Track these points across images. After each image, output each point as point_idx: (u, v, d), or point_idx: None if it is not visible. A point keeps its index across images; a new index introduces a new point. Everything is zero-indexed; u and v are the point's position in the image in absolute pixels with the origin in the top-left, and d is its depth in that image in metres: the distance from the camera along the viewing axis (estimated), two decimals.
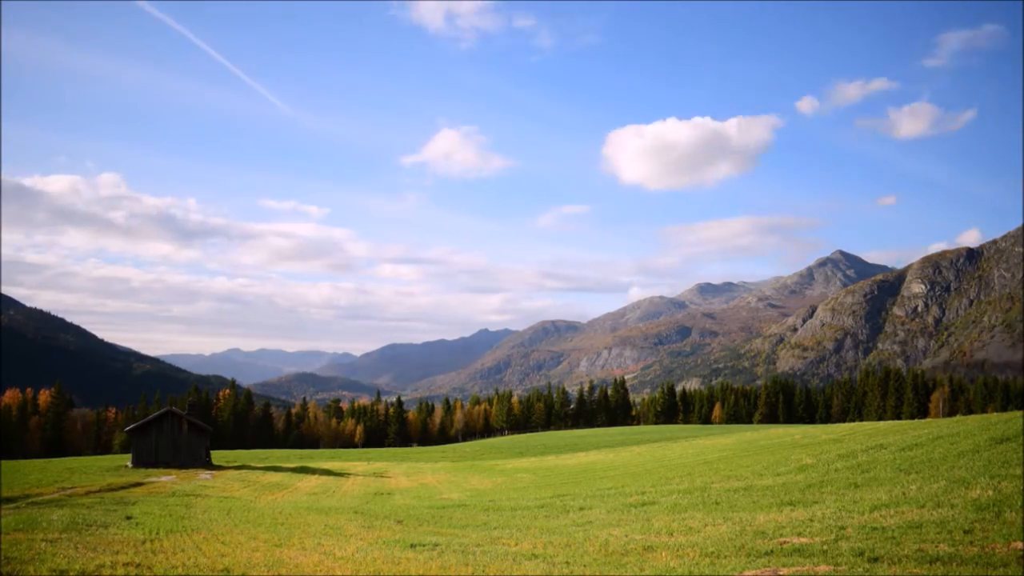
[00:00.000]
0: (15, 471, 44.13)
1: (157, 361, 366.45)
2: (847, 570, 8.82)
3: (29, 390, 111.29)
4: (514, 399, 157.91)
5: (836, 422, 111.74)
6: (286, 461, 61.43)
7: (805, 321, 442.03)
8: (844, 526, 11.72)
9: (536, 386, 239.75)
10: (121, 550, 12.54)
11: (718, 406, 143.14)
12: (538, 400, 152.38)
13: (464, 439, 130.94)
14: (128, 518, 18.51)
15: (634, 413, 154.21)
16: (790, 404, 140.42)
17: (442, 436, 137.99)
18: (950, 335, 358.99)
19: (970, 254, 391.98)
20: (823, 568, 9.03)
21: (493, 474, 46.85)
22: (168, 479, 39.76)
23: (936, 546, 9.42)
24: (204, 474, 44.75)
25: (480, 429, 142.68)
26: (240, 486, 38.11)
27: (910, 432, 27.67)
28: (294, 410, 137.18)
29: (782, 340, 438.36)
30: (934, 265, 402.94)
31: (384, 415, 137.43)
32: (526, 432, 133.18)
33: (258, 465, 55.02)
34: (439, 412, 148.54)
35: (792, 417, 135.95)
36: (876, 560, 9.11)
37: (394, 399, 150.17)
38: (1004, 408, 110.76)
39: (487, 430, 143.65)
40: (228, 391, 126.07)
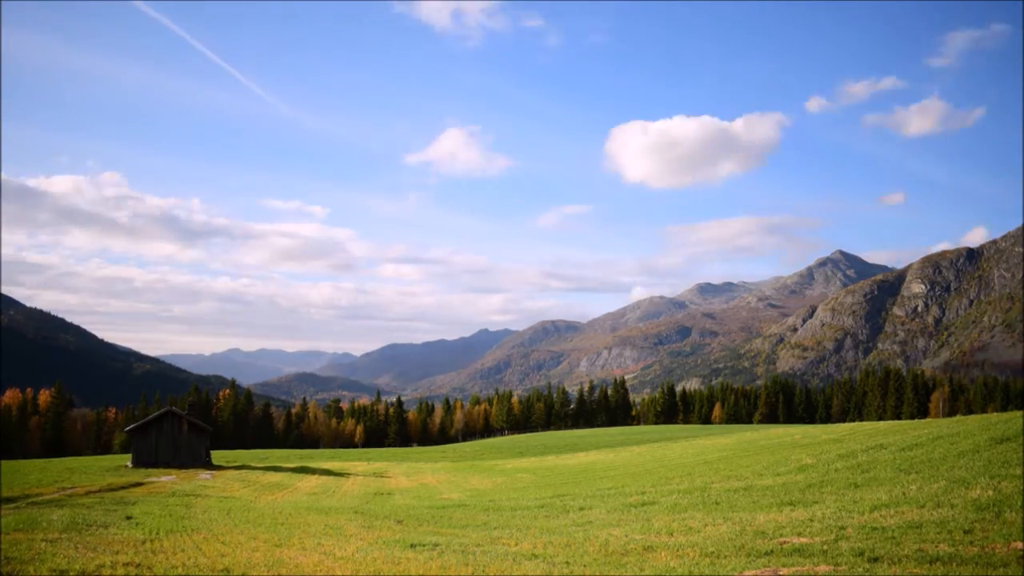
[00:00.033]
0: (15, 471, 44.13)
1: (157, 361, 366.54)
2: (847, 570, 8.82)
3: (29, 390, 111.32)
4: (514, 399, 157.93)
5: (836, 422, 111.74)
6: (286, 461, 61.44)
7: (805, 321, 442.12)
8: (844, 526, 11.72)
9: (536, 386, 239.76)
10: (121, 550, 12.54)
11: (718, 406, 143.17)
12: (538, 400, 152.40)
13: (464, 439, 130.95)
14: (128, 518, 18.52)
15: (634, 413, 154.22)
16: (790, 404, 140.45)
17: (442, 436, 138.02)
18: (950, 335, 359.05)
19: (970, 254, 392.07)
20: (823, 568, 9.03)
21: (493, 474, 46.85)
22: (168, 479, 39.76)
23: (936, 546, 9.42)
24: (204, 474, 44.76)
25: (480, 429, 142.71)
26: (240, 486, 38.12)
27: (910, 432, 27.68)
28: (294, 410, 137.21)
29: (782, 340, 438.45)
30: (934, 265, 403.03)
31: (384, 415, 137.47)
32: (526, 432, 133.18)
33: (258, 465, 55.03)
34: (439, 412, 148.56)
35: (792, 417, 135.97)
36: (876, 560, 9.11)
37: (394, 399, 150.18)
38: (1004, 408, 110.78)
39: (487, 430, 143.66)
40: (228, 391, 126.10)
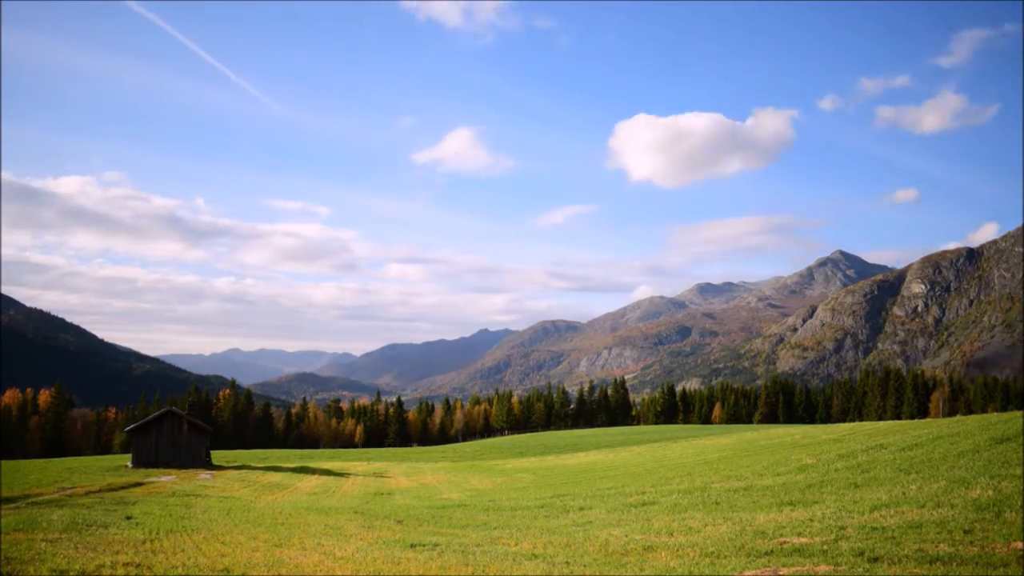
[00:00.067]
0: (15, 471, 44.13)
1: (157, 361, 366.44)
2: (847, 570, 8.82)
3: (29, 390, 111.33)
4: (514, 399, 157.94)
5: (836, 422, 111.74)
6: (286, 461, 61.43)
7: (805, 321, 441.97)
8: (844, 526, 11.72)
9: (536, 386, 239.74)
10: (121, 550, 12.54)
11: (718, 406, 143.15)
12: (538, 400, 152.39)
13: (464, 439, 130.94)
14: (128, 518, 18.52)
15: (634, 413, 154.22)
16: (790, 404, 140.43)
17: (442, 436, 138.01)
18: (950, 335, 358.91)
19: (970, 254, 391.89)
20: (823, 568, 9.03)
21: (493, 474, 46.84)
22: (168, 479, 39.76)
23: (936, 546, 9.42)
24: (204, 474, 44.76)
25: (480, 429, 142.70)
26: (240, 486, 38.11)
27: (910, 432, 27.67)
28: (294, 410, 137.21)
29: (782, 340, 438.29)
30: (934, 265, 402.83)
31: (384, 415, 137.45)
32: (526, 432, 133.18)
33: (258, 465, 55.03)
34: (439, 412, 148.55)
35: (792, 417, 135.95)
36: (876, 560, 9.11)
37: (394, 399, 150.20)
38: (1004, 408, 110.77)
39: (487, 430, 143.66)
40: (228, 391, 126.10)
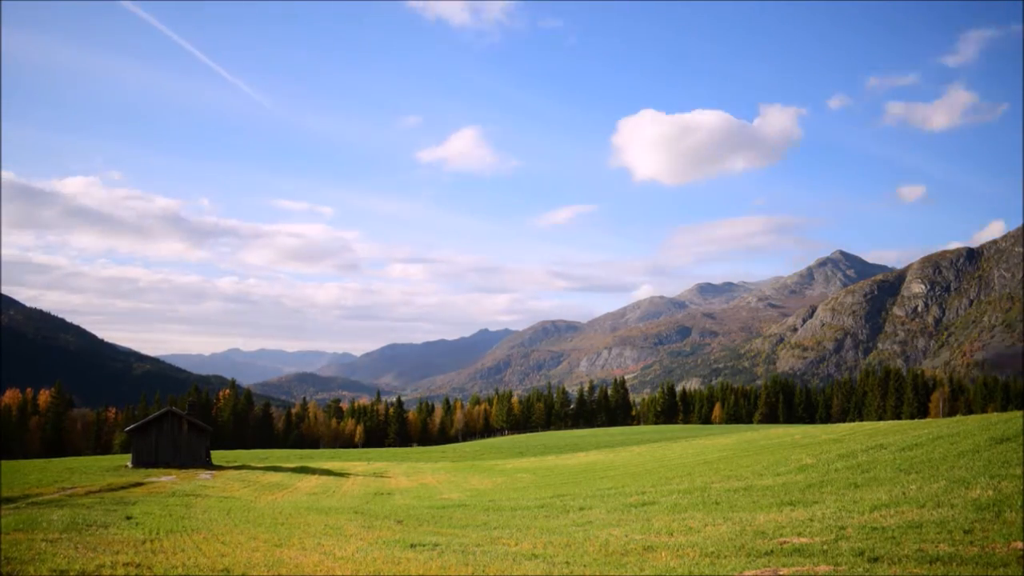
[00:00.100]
0: (15, 471, 44.14)
1: (157, 361, 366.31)
2: (847, 570, 8.82)
3: (29, 390, 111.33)
4: (514, 399, 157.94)
5: (836, 422, 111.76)
6: (286, 461, 61.43)
7: (805, 321, 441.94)
8: (844, 526, 11.72)
9: (536, 386, 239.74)
10: (121, 550, 12.54)
11: (718, 406, 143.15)
12: (538, 400, 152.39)
13: (464, 439, 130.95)
14: (128, 518, 18.53)
15: (634, 413, 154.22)
16: (790, 404, 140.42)
17: (442, 436, 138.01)
18: (950, 335, 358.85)
19: (970, 254, 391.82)
20: (823, 568, 9.03)
21: (493, 474, 46.84)
22: (168, 479, 39.77)
23: (936, 546, 9.42)
24: (204, 474, 44.76)
25: (480, 429, 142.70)
26: (240, 486, 38.12)
27: (910, 432, 27.67)
28: (294, 410, 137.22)
29: (782, 340, 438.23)
30: (934, 265, 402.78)
31: (384, 415, 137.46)
32: (526, 432, 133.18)
33: (258, 465, 55.03)
34: (439, 412, 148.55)
35: (792, 417, 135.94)
36: (876, 560, 9.11)
37: (394, 399, 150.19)
38: (1004, 408, 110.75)
39: (487, 430, 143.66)
40: (228, 391, 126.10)
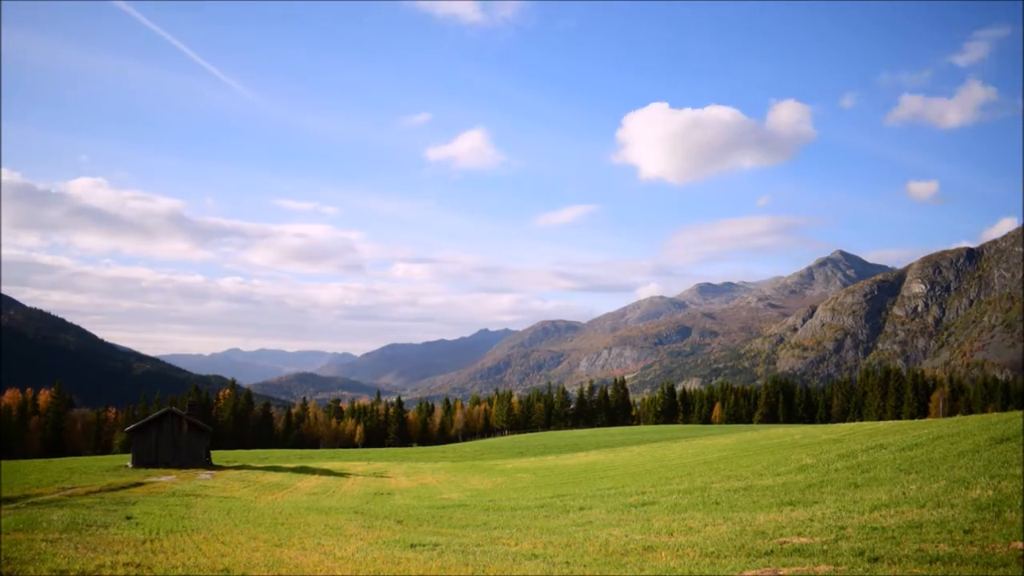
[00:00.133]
0: (15, 471, 44.14)
1: (157, 361, 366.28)
2: (847, 570, 8.82)
3: (29, 390, 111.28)
4: (514, 399, 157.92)
5: (836, 422, 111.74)
6: (286, 461, 61.43)
7: (805, 321, 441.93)
8: (844, 526, 11.72)
9: (536, 386, 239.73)
10: (121, 550, 12.54)
11: (718, 406, 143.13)
12: (538, 400, 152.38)
13: (464, 439, 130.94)
14: (128, 518, 18.52)
15: (634, 413, 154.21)
16: (790, 404, 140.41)
17: (442, 436, 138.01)
18: (950, 335, 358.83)
19: (970, 254, 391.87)
20: (823, 568, 9.03)
21: (493, 474, 46.84)
22: (168, 479, 39.77)
23: (936, 546, 9.42)
24: (204, 474, 44.76)
25: (480, 429, 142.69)
26: (240, 486, 38.12)
27: (910, 432, 27.67)
28: (294, 410, 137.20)
29: (782, 340, 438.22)
30: (934, 265, 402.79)
31: (384, 415, 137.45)
32: (526, 432, 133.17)
33: (258, 465, 55.03)
34: (439, 412, 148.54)
35: (792, 417, 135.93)
36: (876, 560, 9.11)
37: (394, 399, 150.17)
38: (1004, 408, 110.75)
39: (487, 430, 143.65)
40: (228, 391, 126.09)
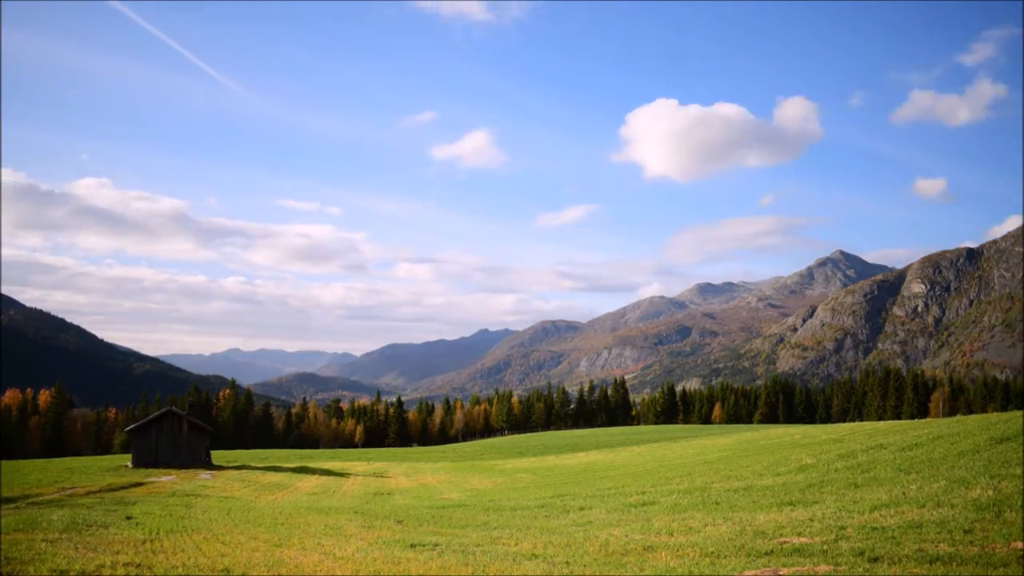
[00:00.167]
0: (15, 471, 44.14)
1: (157, 361, 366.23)
2: (847, 570, 8.82)
3: (29, 390, 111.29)
4: (514, 399, 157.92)
5: (836, 422, 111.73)
6: (286, 461, 61.44)
7: (805, 321, 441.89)
8: (844, 526, 11.71)
9: (536, 386, 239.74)
10: (121, 550, 12.54)
11: (718, 406, 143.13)
12: (538, 400, 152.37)
13: (464, 439, 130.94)
14: (128, 518, 18.52)
15: (634, 413, 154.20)
16: (790, 404, 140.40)
17: (442, 436, 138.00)
18: (950, 335, 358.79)
19: (970, 254, 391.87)
20: (823, 568, 9.03)
21: (493, 474, 46.85)
22: (168, 479, 39.76)
23: (936, 546, 9.42)
24: (204, 474, 44.76)
25: (480, 429, 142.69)
26: (240, 486, 38.12)
27: (910, 432, 27.67)
28: (294, 410, 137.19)
29: (782, 340, 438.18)
30: (934, 265, 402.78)
31: (384, 415, 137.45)
32: (526, 432, 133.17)
33: (258, 465, 55.03)
34: (439, 412, 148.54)
35: (792, 417, 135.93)
36: (876, 560, 9.11)
37: (394, 399, 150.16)
38: (1004, 408, 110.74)
39: (487, 430, 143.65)
40: (228, 391, 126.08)
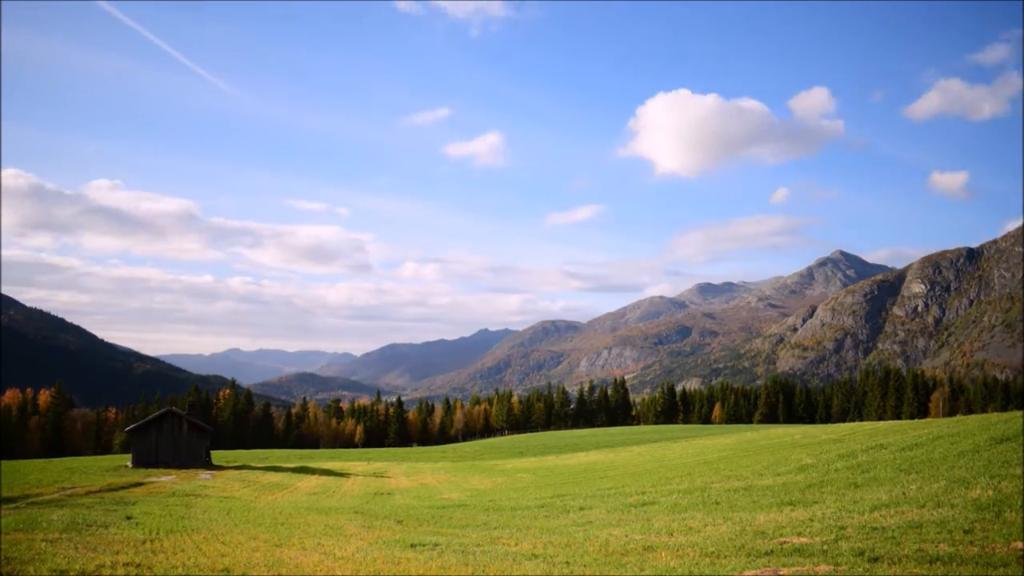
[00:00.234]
0: (15, 471, 44.15)
1: (157, 361, 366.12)
2: (847, 570, 8.81)
3: (29, 390, 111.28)
4: (514, 399, 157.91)
5: (836, 422, 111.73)
6: (286, 461, 61.44)
7: (805, 321, 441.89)
8: (844, 526, 11.71)
9: (536, 386, 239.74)
10: (121, 550, 12.54)
11: (718, 406, 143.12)
12: (538, 400, 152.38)
13: (464, 439, 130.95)
14: (128, 518, 18.52)
15: (634, 413, 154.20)
16: (790, 404, 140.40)
17: (442, 436, 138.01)
18: (950, 335, 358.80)
19: (970, 254, 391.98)
20: (823, 568, 9.03)
21: (493, 474, 46.85)
22: (168, 479, 39.76)
23: (936, 546, 9.42)
24: (204, 474, 44.76)
25: (480, 429, 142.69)
26: (240, 486, 38.12)
27: (910, 432, 27.68)
28: (294, 410, 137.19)
29: (782, 340, 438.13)
30: (934, 265, 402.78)
31: (384, 415, 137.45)
32: (526, 432, 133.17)
33: (258, 465, 55.04)
34: (439, 412, 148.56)
35: (792, 417, 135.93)
36: (876, 560, 9.11)
37: (394, 399, 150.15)
38: (1004, 408, 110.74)
39: (487, 430, 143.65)
40: (228, 391, 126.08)
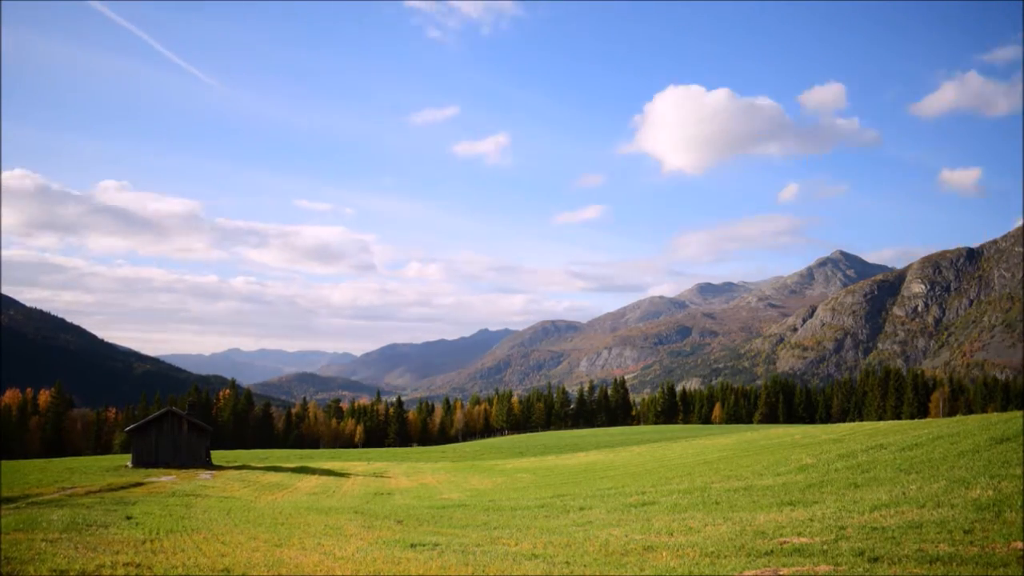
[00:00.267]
0: (15, 471, 44.15)
1: (157, 361, 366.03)
2: (847, 570, 8.81)
3: (29, 390, 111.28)
4: (514, 399, 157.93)
5: (836, 422, 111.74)
6: (286, 461, 61.45)
7: (805, 321, 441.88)
8: (844, 526, 11.71)
9: (536, 386, 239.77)
10: (121, 550, 12.54)
11: (718, 406, 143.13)
12: (538, 400, 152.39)
13: (464, 439, 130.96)
14: (128, 518, 18.53)
15: (634, 413, 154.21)
16: (790, 404, 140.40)
17: (442, 436, 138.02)
18: (950, 335, 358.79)
19: (970, 254, 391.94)
20: (823, 568, 9.03)
21: (493, 474, 46.85)
22: (168, 479, 39.77)
23: (936, 546, 9.42)
24: (204, 474, 44.77)
25: (480, 429, 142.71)
26: (240, 486, 38.12)
27: (910, 432, 27.68)
28: (294, 410, 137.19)
29: (782, 340, 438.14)
30: (934, 265, 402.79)
31: (384, 415, 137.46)
32: (526, 432, 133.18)
33: (258, 465, 55.04)
34: (439, 412, 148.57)
35: (792, 417, 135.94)
36: (876, 560, 9.11)
37: (394, 399, 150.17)
38: (1004, 408, 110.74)
39: (487, 430, 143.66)
40: (228, 391, 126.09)
